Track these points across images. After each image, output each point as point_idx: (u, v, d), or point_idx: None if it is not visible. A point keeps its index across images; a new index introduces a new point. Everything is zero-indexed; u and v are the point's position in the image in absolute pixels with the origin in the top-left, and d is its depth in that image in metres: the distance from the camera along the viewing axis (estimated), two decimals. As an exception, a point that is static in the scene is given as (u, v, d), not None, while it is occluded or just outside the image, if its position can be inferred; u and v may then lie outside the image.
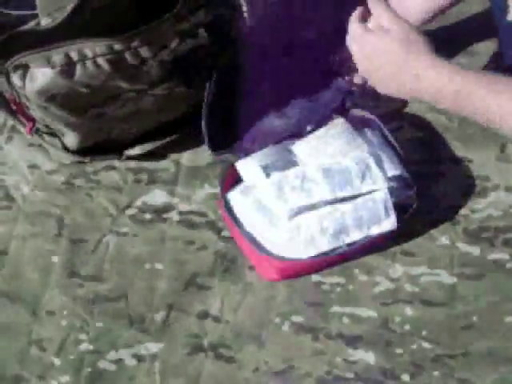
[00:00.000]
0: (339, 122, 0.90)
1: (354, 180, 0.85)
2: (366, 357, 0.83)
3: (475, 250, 0.88)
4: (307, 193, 0.84)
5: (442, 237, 0.89)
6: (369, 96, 0.92)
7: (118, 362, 0.83)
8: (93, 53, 0.77)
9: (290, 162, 0.87)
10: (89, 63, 0.78)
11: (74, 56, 0.77)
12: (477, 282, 0.86)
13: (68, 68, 0.77)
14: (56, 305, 0.86)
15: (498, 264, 0.87)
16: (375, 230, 0.85)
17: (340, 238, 0.84)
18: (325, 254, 0.84)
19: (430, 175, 0.93)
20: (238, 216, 0.87)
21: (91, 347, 0.84)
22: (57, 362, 0.83)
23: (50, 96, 0.79)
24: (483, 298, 0.85)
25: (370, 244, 0.86)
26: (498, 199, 0.91)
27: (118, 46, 0.77)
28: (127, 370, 0.82)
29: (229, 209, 0.87)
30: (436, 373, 0.82)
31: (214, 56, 0.85)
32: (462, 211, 0.91)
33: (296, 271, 0.86)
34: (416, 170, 0.90)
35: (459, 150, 0.95)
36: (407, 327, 0.84)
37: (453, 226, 0.90)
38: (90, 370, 0.82)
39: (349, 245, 0.84)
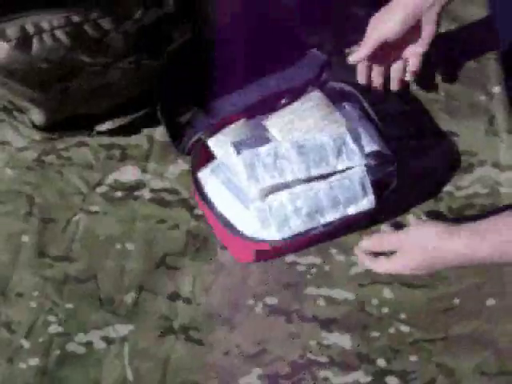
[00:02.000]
0: (315, 95, 0.85)
1: (330, 157, 0.81)
2: (342, 340, 0.80)
3: (458, 230, 0.85)
4: (280, 171, 0.80)
5: (424, 215, 0.86)
6: (349, 68, 0.89)
7: (87, 344, 0.81)
8: (50, 25, 0.73)
9: (263, 139, 0.83)
10: (46, 36, 0.74)
11: (30, 29, 0.73)
12: (459, 262, 0.83)
13: (24, 42, 0.73)
14: (25, 286, 0.84)
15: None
16: (352, 210, 0.81)
17: (315, 219, 0.80)
18: (299, 234, 0.81)
19: (414, 150, 0.89)
20: (209, 195, 0.83)
21: (60, 329, 0.82)
22: (26, 344, 0.81)
23: (8, 71, 0.76)
24: (465, 280, 0.82)
25: (347, 223, 0.82)
26: (485, 175, 0.87)
27: (76, 18, 0.73)
28: (96, 353, 0.80)
29: (200, 188, 0.84)
30: (414, 357, 0.79)
31: (182, 26, 0.81)
32: (446, 188, 0.87)
33: (270, 253, 0.83)
34: (399, 145, 0.86)
35: (445, 124, 0.91)
36: (385, 310, 0.81)
37: (436, 204, 0.86)
38: (58, 352, 0.80)
39: (324, 225, 0.81)
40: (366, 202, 0.81)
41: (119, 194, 0.89)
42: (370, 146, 0.82)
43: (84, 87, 0.82)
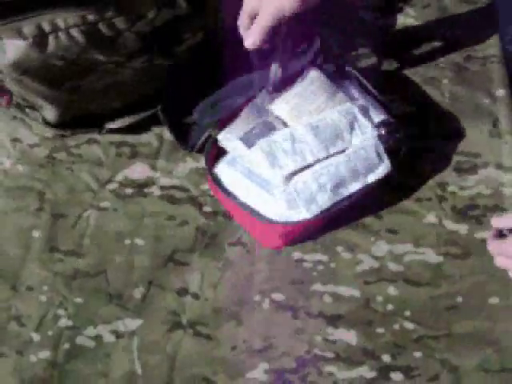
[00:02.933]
0: (315, 77, 0.87)
1: (344, 133, 0.84)
2: (347, 336, 0.81)
3: (462, 229, 0.86)
4: (300, 155, 0.82)
5: (428, 214, 0.87)
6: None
7: (97, 338, 0.82)
8: (65, 24, 0.75)
9: (269, 125, 0.85)
10: (62, 35, 0.75)
11: (46, 27, 0.75)
12: (463, 261, 0.84)
13: (40, 40, 0.75)
14: (36, 280, 0.85)
15: (486, 243, 0.85)
16: (372, 178, 0.84)
17: (339, 192, 0.83)
18: (326, 210, 0.82)
19: (419, 151, 0.90)
20: (229, 188, 0.85)
21: (70, 323, 0.83)
22: (36, 337, 0.82)
23: (23, 69, 0.77)
24: (469, 278, 0.83)
25: (367, 194, 0.84)
26: (488, 177, 0.89)
27: (91, 17, 0.75)
28: (105, 347, 0.81)
29: (218, 182, 0.85)
30: (418, 353, 0.80)
31: (195, 27, 0.83)
32: (451, 188, 0.89)
33: (300, 233, 0.85)
34: (403, 146, 0.88)
35: (450, 125, 0.92)
36: (390, 307, 0.82)
37: (440, 204, 0.88)
38: (68, 345, 0.82)
39: (348, 197, 0.83)
40: (383, 168, 0.84)
41: (129, 190, 0.90)
42: (378, 117, 0.86)
43: (96, 85, 0.84)
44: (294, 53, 0.89)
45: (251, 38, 0.79)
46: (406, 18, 1.02)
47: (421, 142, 0.91)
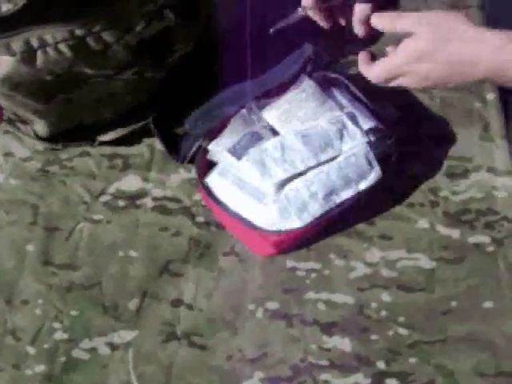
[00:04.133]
0: (308, 84, 0.88)
1: (334, 140, 0.84)
2: (342, 344, 0.81)
3: (455, 233, 0.86)
4: (290, 163, 0.83)
5: (421, 219, 0.87)
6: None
7: (92, 350, 0.82)
8: (53, 39, 0.75)
9: (256, 135, 0.85)
10: (50, 50, 0.76)
11: (34, 43, 0.75)
12: (456, 265, 0.84)
13: (28, 55, 0.75)
14: (30, 293, 0.86)
15: (479, 247, 0.85)
16: (363, 185, 0.84)
17: (331, 200, 0.83)
18: (318, 218, 0.83)
19: (410, 155, 0.90)
20: (220, 198, 0.85)
21: (66, 336, 0.83)
22: (31, 351, 0.82)
23: (13, 84, 0.77)
24: (462, 283, 0.83)
25: (358, 201, 0.85)
26: (480, 181, 0.89)
27: (78, 32, 0.75)
28: (101, 359, 0.82)
29: (209, 192, 0.86)
30: (413, 359, 0.80)
31: (185, 37, 0.83)
32: (442, 193, 0.89)
33: (293, 242, 0.85)
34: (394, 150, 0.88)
35: (441, 130, 0.93)
36: (383, 313, 0.82)
37: (432, 209, 0.88)
38: (64, 358, 0.82)
39: (339, 205, 0.83)
40: (374, 175, 0.84)
41: (122, 202, 0.91)
42: (367, 124, 0.86)
43: (87, 98, 0.84)
44: (285, 61, 0.90)
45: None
46: (396, 24, 1.02)
47: (411, 147, 0.91)
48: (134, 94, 0.87)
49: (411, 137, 0.92)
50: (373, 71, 0.76)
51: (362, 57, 0.77)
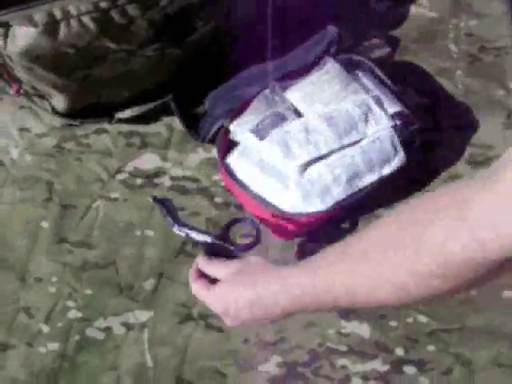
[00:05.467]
0: (332, 67, 0.87)
1: (359, 124, 0.83)
2: (360, 329, 0.80)
3: (476, 222, 0.86)
4: (314, 145, 0.82)
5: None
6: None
7: (107, 330, 0.81)
8: (77, 11, 0.74)
9: (279, 115, 0.84)
10: (73, 22, 0.74)
11: (58, 14, 0.74)
12: (477, 254, 0.84)
13: (51, 27, 0.74)
14: (44, 271, 0.84)
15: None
16: (387, 170, 0.83)
17: (354, 184, 0.82)
18: (340, 202, 0.82)
19: (431, 143, 0.90)
20: (242, 179, 0.84)
21: (79, 314, 0.82)
22: (45, 329, 0.81)
23: (34, 57, 0.76)
24: (483, 271, 0.83)
25: (380, 186, 0.84)
26: (502, 169, 0.88)
27: (104, 4, 0.74)
28: (115, 338, 0.81)
29: (230, 173, 0.84)
30: (431, 347, 0.79)
31: (206, 15, 0.82)
32: (464, 181, 0.88)
33: (314, 225, 0.84)
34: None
35: (463, 117, 0.92)
36: (403, 300, 0.82)
37: (454, 196, 0.87)
38: (78, 337, 0.81)
39: (363, 189, 0.82)
40: (398, 160, 0.83)
41: (139, 181, 0.89)
42: (393, 108, 0.85)
43: (107, 74, 0.83)
44: (307, 43, 0.89)
45: None
46: (419, 8, 1.01)
47: (433, 134, 0.90)
48: (153, 72, 0.86)
49: (433, 124, 0.91)
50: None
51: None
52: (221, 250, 0.79)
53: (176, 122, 0.92)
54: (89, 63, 0.80)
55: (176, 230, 0.80)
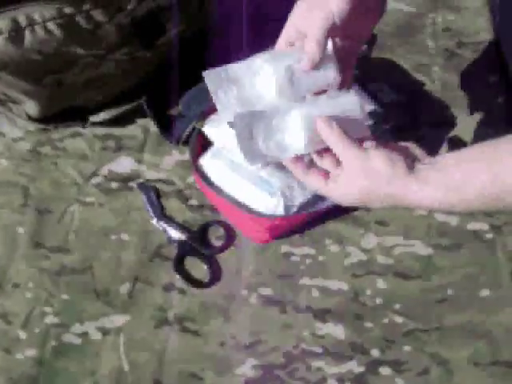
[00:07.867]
0: None
1: None
2: (335, 331, 0.80)
3: (453, 220, 0.85)
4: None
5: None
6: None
7: (83, 335, 0.81)
8: (41, 17, 0.73)
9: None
10: (38, 28, 0.74)
11: (22, 21, 0.73)
12: (454, 253, 0.83)
13: (16, 34, 0.73)
14: (21, 277, 0.84)
15: (477, 234, 0.84)
16: None
17: None
18: (312, 207, 0.81)
19: (409, 140, 0.88)
20: (214, 181, 0.83)
21: (56, 320, 0.82)
22: (22, 335, 0.81)
23: (1, 64, 0.76)
24: (459, 270, 0.82)
25: None
26: (480, 166, 0.87)
27: (68, 10, 0.73)
28: (92, 344, 0.81)
29: (203, 175, 0.84)
30: (407, 347, 0.79)
31: (178, 16, 0.81)
32: (441, 178, 0.87)
33: (288, 227, 0.83)
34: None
35: (441, 114, 0.91)
36: (379, 300, 0.81)
37: (431, 194, 0.86)
38: (55, 343, 0.81)
39: None
40: None
41: (114, 184, 0.89)
42: (366, 107, 0.83)
43: (78, 79, 0.82)
44: None
45: (309, 57, 0.67)
46: (397, 3, 1.00)
47: (410, 132, 0.89)
48: (125, 75, 0.85)
49: (411, 120, 0.90)
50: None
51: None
52: (194, 250, 0.79)
53: (152, 124, 0.91)
54: (58, 69, 0.79)
55: (155, 222, 0.80)
